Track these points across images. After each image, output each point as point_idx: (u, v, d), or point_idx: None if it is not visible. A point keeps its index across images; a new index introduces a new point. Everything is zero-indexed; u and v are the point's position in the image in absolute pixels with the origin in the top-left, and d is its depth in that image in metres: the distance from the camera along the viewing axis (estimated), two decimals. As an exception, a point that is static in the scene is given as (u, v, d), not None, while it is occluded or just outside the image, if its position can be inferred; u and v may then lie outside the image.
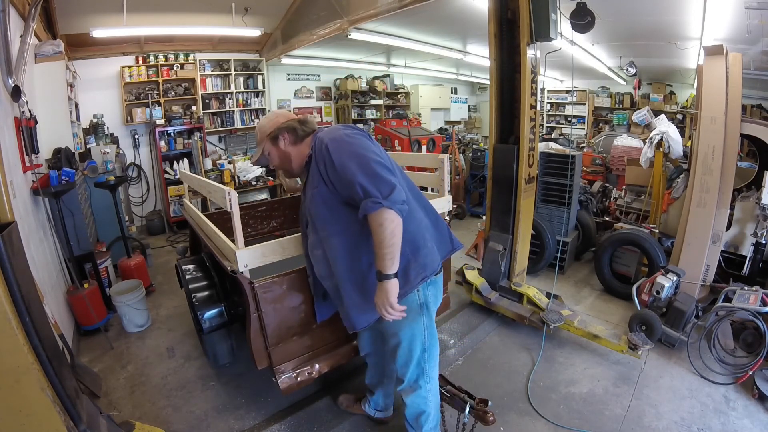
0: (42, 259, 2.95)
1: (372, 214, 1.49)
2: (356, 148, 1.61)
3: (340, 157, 1.58)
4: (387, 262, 1.52)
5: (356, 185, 1.52)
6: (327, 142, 1.63)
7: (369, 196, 1.50)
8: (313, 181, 1.71)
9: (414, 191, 1.85)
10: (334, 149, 1.61)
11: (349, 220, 1.64)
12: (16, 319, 1.46)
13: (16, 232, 1.71)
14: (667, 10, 5.13)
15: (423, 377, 1.87)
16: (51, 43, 4.25)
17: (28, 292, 1.61)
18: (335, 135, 1.67)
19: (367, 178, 1.52)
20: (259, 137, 1.86)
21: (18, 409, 1.51)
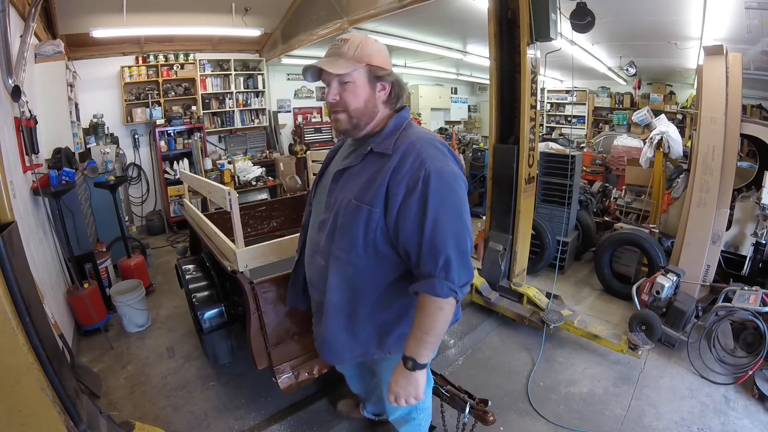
0: (42, 259, 2.95)
1: (440, 299, 1.23)
2: (461, 208, 1.26)
3: (439, 209, 1.20)
4: (428, 351, 1.28)
5: (440, 257, 1.21)
6: (431, 171, 1.21)
7: (447, 277, 1.21)
8: (367, 189, 1.28)
9: None
10: (436, 191, 1.20)
11: (385, 264, 1.33)
12: (16, 319, 1.46)
13: (16, 232, 1.71)
14: (667, 10, 5.13)
15: (416, 410, 1.76)
16: (51, 43, 4.25)
17: (28, 292, 1.61)
18: (442, 166, 1.24)
19: (458, 256, 1.22)
20: (354, 53, 1.29)
21: (18, 409, 1.51)
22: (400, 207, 1.23)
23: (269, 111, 8.33)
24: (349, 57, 1.28)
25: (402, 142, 1.29)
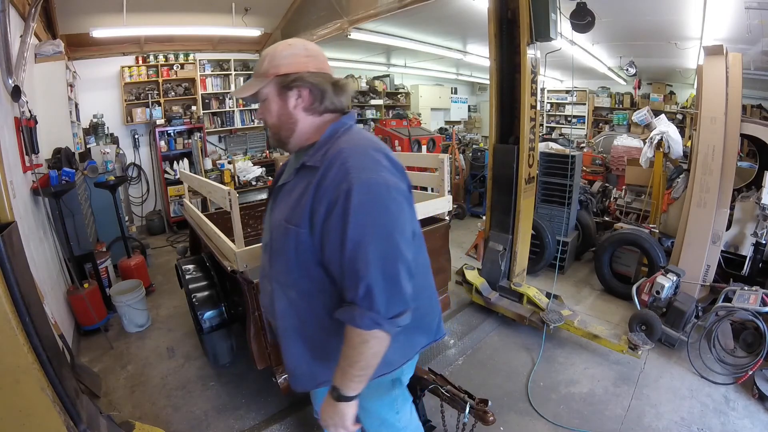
0: (42, 259, 2.95)
1: (362, 331, 1.06)
2: (392, 226, 1.07)
3: (363, 227, 1.04)
4: (354, 384, 1.12)
5: (361, 283, 1.04)
6: (355, 184, 1.04)
7: (371, 307, 1.05)
8: (295, 207, 1.16)
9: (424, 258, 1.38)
10: (360, 207, 1.04)
11: (324, 288, 1.19)
12: (16, 319, 1.46)
13: (16, 232, 1.71)
14: (667, 10, 5.13)
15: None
16: (51, 43, 4.25)
17: (28, 292, 1.61)
18: (371, 177, 1.07)
19: (384, 284, 1.05)
20: (263, 68, 1.20)
21: (18, 409, 1.51)
22: (322, 226, 1.09)
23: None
24: (260, 74, 1.20)
25: (331, 153, 1.12)
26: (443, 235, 2.88)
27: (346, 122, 1.23)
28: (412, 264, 1.12)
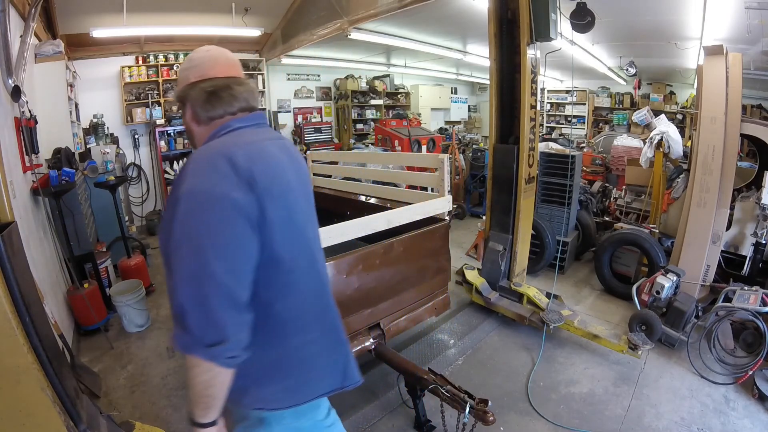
0: (42, 259, 2.95)
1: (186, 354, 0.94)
2: (205, 239, 0.93)
3: (180, 241, 0.95)
4: (198, 410, 1.00)
5: (175, 303, 0.94)
6: (182, 193, 0.97)
7: (184, 328, 0.92)
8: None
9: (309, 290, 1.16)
10: (181, 218, 0.95)
11: None
12: (16, 319, 1.46)
13: (16, 232, 1.71)
14: (667, 10, 5.13)
15: None
16: (51, 43, 4.25)
17: (28, 292, 1.61)
18: (195, 185, 0.97)
19: (193, 306, 0.92)
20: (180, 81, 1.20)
21: (18, 409, 1.51)
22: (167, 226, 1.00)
23: (269, 111, 8.33)
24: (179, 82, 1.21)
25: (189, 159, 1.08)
26: (443, 235, 2.89)
27: (229, 126, 1.14)
28: (237, 289, 0.95)
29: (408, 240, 2.61)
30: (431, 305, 2.92)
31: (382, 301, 2.58)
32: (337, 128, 9.84)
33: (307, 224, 1.17)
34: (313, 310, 1.17)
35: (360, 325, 2.50)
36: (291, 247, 1.08)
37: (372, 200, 3.56)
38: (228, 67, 1.20)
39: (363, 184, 4.18)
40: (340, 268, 2.32)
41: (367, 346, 2.53)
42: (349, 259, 2.35)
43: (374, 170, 4.30)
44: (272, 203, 1.01)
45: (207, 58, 1.19)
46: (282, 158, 1.14)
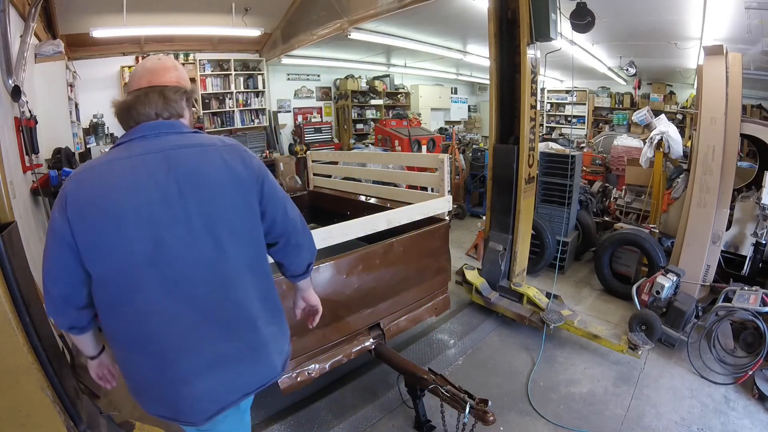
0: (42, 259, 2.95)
1: None
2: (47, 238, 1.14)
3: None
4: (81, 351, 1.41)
5: None
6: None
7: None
8: None
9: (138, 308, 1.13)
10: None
11: None
12: (16, 319, 1.46)
13: (16, 232, 1.70)
14: (667, 10, 5.13)
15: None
16: (51, 43, 4.25)
17: (28, 292, 1.61)
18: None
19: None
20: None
21: (18, 409, 1.51)
22: None
23: (269, 111, 8.34)
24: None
25: None
26: (443, 235, 2.89)
27: (116, 142, 1.26)
28: (52, 289, 1.14)
29: (408, 240, 2.61)
30: (431, 305, 2.92)
31: (382, 301, 2.58)
32: (337, 128, 9.84)
33: (161, 242, 1.11)
34: (145, 335, 1.14)
35: (360, 325, 2.50)
36: (107, 269, 1.10)
37: (372, 200, 3.56)
38: (141, 79, 1.25)
39: (363, 184, 4.18)
40: (340, 268, 2.32)
41: (367, 346, 2.53)
42: (349, 259, 2.35)
43: (374, 170, 4.31)
44: (81, 226, 1.07)
45: (139, 69, 1.30)
46: (139, 177, 1.11)
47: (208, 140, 1.26)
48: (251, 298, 1.26)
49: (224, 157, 1.21)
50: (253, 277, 1.28)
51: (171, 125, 1.22)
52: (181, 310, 1.15)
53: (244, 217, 1.23)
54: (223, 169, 1.20)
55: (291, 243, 1.39)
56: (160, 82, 1.24)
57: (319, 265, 2.23)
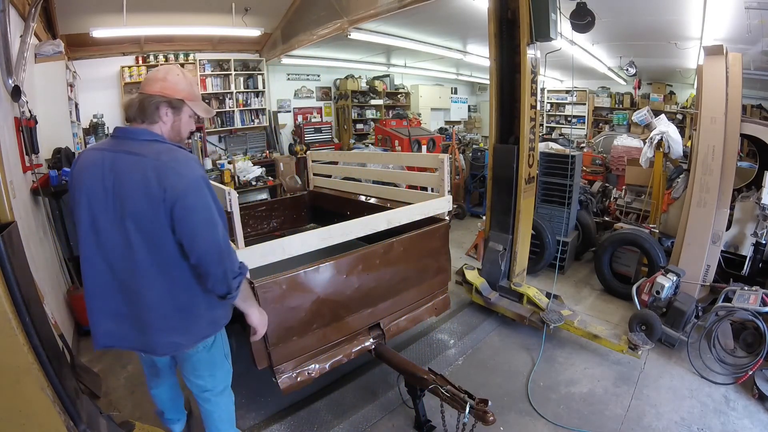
0: (42, 259, 2.95)
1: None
2: None
3: None
4: None
5: None
6: None
7: None
8: None
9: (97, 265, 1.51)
10: None
11: None
12: (16, 319, 1.46)
13: (16, 232, 1.70)
14: (667, 10, 5.13)
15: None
16: (51, 43, 4.25)
17: (28, 292, 1.61)
18: None
19: None
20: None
21: (18, 409, 1.51)
22: None
23: (269, 111, 8.34)
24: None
25: None
26: (443, 235, 2.89)
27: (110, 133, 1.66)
28: None
29: (408, 240, 2.61)
30: (431, 305, 2.92)
31: (382, 301, 2.58)
32: (337, 128, 9.84)
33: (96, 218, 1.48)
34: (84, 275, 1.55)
35: (360, 325, 2.50)
36: (78, 228, 1.51)
37: (372, 200, 3.56)
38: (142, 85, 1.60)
39: (363, 184, 4.18)
40: (340, 268, 2.32)
41: (367, 346, 2.53)
42: (349, 259, 2.35)
43: (374, 170, 4.30)
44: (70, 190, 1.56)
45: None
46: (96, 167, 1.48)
47: (149, 152, 1.47)
48: (153, 291, 1.52)
49: (147, 170, 1.43)
50: (161, 276, 1.51)
51: (134, 132, 1.54)
52: (103, 268, 1.51)
53: (151, 224, 1.45)
54: (141, 181, 1.43)
55: (201, 268, 1.51)
56: (145, 91, 1.54)
57: (319, 266, 2.23)
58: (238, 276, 1.57)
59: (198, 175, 1.49)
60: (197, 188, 1.47)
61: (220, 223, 1.53)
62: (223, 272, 1.51)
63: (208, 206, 1.49)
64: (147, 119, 1.54)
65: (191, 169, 1.48)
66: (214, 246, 1.49)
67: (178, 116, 1.60)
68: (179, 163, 1.47)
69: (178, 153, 1.52)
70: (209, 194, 1.51)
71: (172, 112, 1.57)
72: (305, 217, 4.32)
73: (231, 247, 1.58)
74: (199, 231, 1.47)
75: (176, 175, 1.44)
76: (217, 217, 1.52)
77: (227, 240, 1.55)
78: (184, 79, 1.60)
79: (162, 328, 1.57)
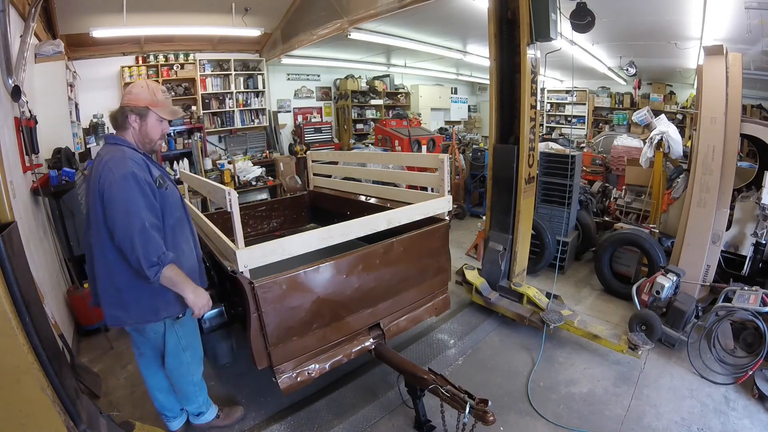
0: (42, 259, 2.95)
1: None
2: None
3: None
4: None
5: None
6: None
7: None
8: None
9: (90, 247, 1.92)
10: None
11: None
12: (16, 319, 1.46)
13: (16, 232, 1.71)
14: (667, 10, 5.13)
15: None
16: (51, 43, 4.25)
17: (28, 292, 1.61)
18: None
19: None
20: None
21: (18, 409, 1.51)
22: None
23: (269, 111, 8.34)
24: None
25: None
26: (443, 235, 2.88)
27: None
28: None
29: (408, 240, 2.61)
30: (431, 305, 2.92)
31: (382, 301, 2.58)
32: (337, 128, 9.84)
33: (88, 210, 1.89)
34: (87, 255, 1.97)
35: (360, 325, 2.50)
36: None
37: (372, 200, 3.56)
38: None
39: (363, 184, 4.17)
40: (340, 268, 2.32)
41: (367, 346, 2.53)
42: (349, 259, 2.35)
43: (374, 170, 4.30)
44: None
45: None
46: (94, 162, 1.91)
47: (106, 155, 1.83)
48: (98, 269, 1.86)
49: (98, 166, 1.81)
50: (102, 257, 1.83)
51: (107, 137, 1.98)
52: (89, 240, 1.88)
53: (94, 212, 1.80)
54: (94, 175, 1.81)
55: (122, 253, 1.77)
56: (120, 104, 1.93)
57: (319, 266, 2.23)
58: (155, 266, 1.75)
59: (126, 172, 1.74)
60: (121, 183, 1.72)
61: (143, 216, 1.74)
62: (137, 260, 1.72)
63: (129, 200, 1.73)
64: (119, 127, 1.92)
65: (122, 167, 1.76)
66: (127, 236, 1.72)
67: (144, 121, 1.91)
68: (114, 161, 1.78)
69: (119, 153, 1.82)
70: (136, 190, 1.75)
71: (140, 118, 1.90)
72: (305, 217, 4.32)
73: (150, 239, 1.75)
74: (117, 220, 1.72)
75: (108, 170, 1.75)
76: (139, 210, 1.74)
77: (146, 232, 1.74)
78: (147, 90, 1.91)
79: (107, 301, 1.89)
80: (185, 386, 2.24)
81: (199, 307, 1.94)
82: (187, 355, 2.16)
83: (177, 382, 2.23)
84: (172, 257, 1.82)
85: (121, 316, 1.91)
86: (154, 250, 1.74)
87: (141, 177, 1.78)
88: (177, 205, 2.00)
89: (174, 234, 1.93)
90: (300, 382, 2.24)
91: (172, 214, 1.94)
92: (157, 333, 2.04)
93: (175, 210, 1.97)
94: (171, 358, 2.13)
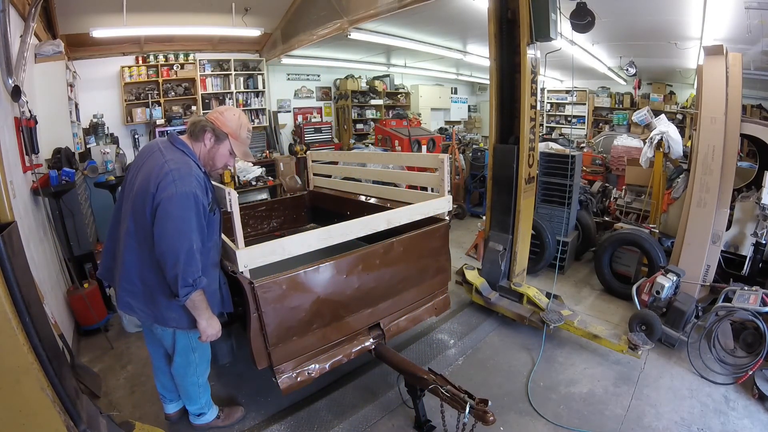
0: (42, 259, 2.95)
1: None
2: None
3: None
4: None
5: None
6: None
7: None
8: None
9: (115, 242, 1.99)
10: None
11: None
12: (16, 319, 1.46)
13: (16, 232, 1.70)
14: (667, 10, 5.14)
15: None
16: (51, 43, 4.25)
17: (28, 292, 1.61)
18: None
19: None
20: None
21: (18, 409, 1.51)
22: None
23: (269, 111, 8.34)
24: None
25: None
26: (443, 235, 2.88)
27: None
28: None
29: (408, 240, 2.61)
30: (431, 305, 2.92)
31: (382, 301, 2.58)
32: (337, 128, 9.84)
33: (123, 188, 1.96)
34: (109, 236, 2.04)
35: (360, 325, 2.50)
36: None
37: (372, 200, 3.56)
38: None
39: (363, 184, 4.17)
40: (340, 268, 2.32)
41: (367, 346, 2.53)
42: (349, 259, 2.35)
43: (374, 170, 4.30)
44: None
45: None
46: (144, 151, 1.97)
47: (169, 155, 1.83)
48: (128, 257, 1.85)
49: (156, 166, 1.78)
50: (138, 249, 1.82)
51: (175, 139, 1.95)
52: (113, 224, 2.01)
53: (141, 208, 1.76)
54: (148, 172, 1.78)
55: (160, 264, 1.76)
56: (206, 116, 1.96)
57: (319, 266, 2.23)
58: (189, 287, 1.74)
59: (189, 191, 1.72)
60: (182, 201, 1.71)
61: (192, 238, 1.73)
62: (174, 276, 1.71)
63: (185, 219, 1.72)
64: (193, 136, 1.92)
65: (186, 184, 1.73)
66: (172, 252, 1.71)
67: (217, 146, 1.93)
68: (180, 174, 1.74)
69: (185, 167, 1.78)
70: (193, 211, 1.74)
71: (215, 139, 1.92)
72: (305, 217, 4.32)
73: (192, 261, 1.74)
74: (167, 236, 1.71)
75: (171, 182, 1.71)
76: (191, 232, 1.73)
77: (192, 255, 1.73)
78: (237, 121, 1.94)
79: (125, 288, 1.90)
80: (190, 387, 2.24)
81: (208, 335, 1.95)
82: (196, 356, 2.15)
83: (182, 381, 2.22)
84: (204, 283, 1.82)
85: (133, 305, 1.92)
86: (192, 273, 1.74)
87: (200, 199, 1.78)
88: (217, 230, 2.00)
89: (208, 257, 1.92)
90: (300, 382, 2.24)
91: (212, 238, 1.94)
92: (166, 333, 2.06)
93: (215, 235, 1.97)
94: (180, 357, 2.13)
